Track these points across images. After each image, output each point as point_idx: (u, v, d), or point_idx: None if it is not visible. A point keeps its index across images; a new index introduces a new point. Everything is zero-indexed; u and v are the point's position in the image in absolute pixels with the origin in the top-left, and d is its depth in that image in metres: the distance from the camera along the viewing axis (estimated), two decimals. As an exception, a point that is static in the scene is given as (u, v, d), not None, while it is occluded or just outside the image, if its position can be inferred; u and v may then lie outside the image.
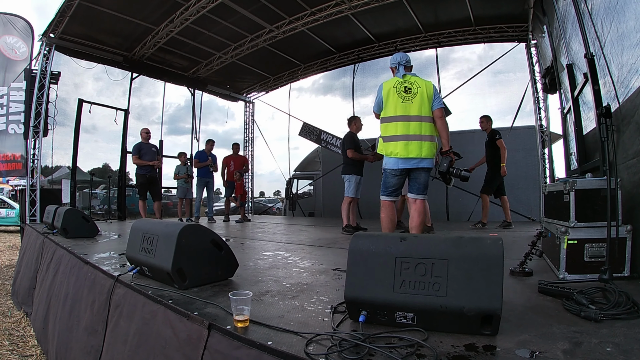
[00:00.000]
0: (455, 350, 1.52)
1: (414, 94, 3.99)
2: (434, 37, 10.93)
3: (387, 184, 4.15)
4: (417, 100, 3.97)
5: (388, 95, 4.08)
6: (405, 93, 4.00)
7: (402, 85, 4.04)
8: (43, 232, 6.02)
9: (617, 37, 3.88)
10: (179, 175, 10.16)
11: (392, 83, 4.10)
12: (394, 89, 4.05)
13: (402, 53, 4.28)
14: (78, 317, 3.38)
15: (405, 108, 3.98)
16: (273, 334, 1.76)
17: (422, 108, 3.96)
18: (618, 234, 2.62)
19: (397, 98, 4.02)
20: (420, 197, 4.09)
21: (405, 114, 3.97)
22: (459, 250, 1.69)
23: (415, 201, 4.10)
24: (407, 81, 4.07)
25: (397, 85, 4.06)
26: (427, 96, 3.98)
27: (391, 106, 4.05)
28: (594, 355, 1.45)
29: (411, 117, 3.96)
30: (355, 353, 1.50)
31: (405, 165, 3.99)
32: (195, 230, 2.74)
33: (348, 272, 1.88)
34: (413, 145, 3.92)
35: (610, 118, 2.84)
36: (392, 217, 4.22)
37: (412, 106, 3.97)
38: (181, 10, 9.09)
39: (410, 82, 4.05)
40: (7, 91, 9.16)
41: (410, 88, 4.01)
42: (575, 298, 2.04)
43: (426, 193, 4.11)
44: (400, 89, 4.03)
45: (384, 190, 4.20)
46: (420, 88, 4.01)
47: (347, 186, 6.92)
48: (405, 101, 3.98)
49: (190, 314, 2.07)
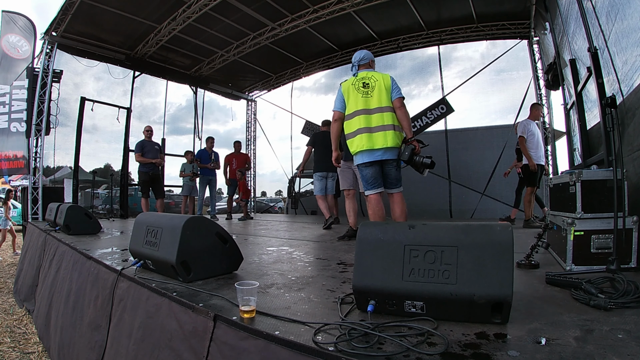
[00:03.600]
0: (466, 339, 1.50)
1: (372, 87, 4.07)
2: (436, 35, 10.93)
3: (365, 177, 4.17)
4: (376, 93, 4.05)
5: (348, 93, 4.17)
6: (364, 88, 4.09)
7: (360, 81, 4.14)
8: (45, 230, 6.02)
9: (621, 32, 3.87)
10: (184, 173, 10.14)
11: (351, 81, 4.21)
12: (352, 86, 4.15)
13: (363, 51, 4.39)
14: (82, 313, 3.38)
15: (365, 102, 4.06)
16: (280, 324, 1.74)
17: (381, 99, 4.03)
18: (625, 225, 2.60)
19: (357, 94, 4.11)
20: (395, 190, 4.16)
21: (365, 107, 4.05)
22: (469, 237, 1.67)
23: (393, 195, 4.17)
24: (365, 77, 4.14)
25: (355, 83, 4.16)
26: (384, 87, 4.04)
27: (352, 102, 4.13)
28: (606, 342, 1.44)
29: (371, 109, 4.03)
30: (364, 342, 1.48)
31: (370, 158, 4.03)
32: (200, 223, 2.73)
33: (356, 261, 1.86)
34: (377, 136, 3.98)
35: (615, 108, 2.83)
36: (378, 212, 4.20)
37: (372, 99, 4.05)
38: (184, 8, 9.11)
39: (368, 77, 4.13)
40: (9, 89, 9.18)
41: (368, 83, 4.10)
42: (584, 287, 2.03)
43: (400, 185, 4.17)
44: (358, 85, 4.12)
45: (365, 184, 4.21)
46: (377, 81, 4.09)
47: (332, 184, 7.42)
48: (365, 95, 4.07)
49: (196, 305, 2.05)
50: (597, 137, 4.99)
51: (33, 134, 9.14)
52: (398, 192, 4.15)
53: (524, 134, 6.50)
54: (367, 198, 4.25)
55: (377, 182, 4.14)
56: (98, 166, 12.16)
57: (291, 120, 14.54)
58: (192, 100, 13.74)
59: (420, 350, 1.38)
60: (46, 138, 9.56)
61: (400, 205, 4.15)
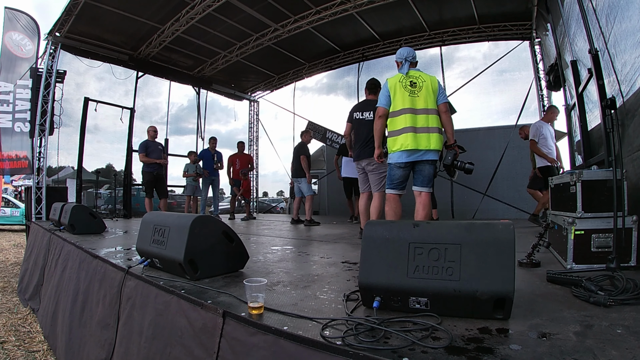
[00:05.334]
0: (469, 333, 1.55)
1: (420, 87, 4.04)
2: (438, 36, 10.97)
3: (392, 176, 4.17)
4: (423, 93, 4.02)
5: (395, 90, 4.12)
6: (411, 87, 4.05)
7: (407, 80, 4.10)
8: (50, 229, 6.06)
9: (620, 34, 3.91)
10: (188, 173, 10.18)
11: (398, 78, 4.15)
12: (399, 84, 4.10)
13: (409, 48, 4.30)
14: (90, 312, 3.41)
15: (412, 101, 4.03)
16: (288, 320, 1.78)
17: (428, 101, 4.01)
18: (624, 225, 2.64)
19: (404, 92, 4.06)
20: (425, 189, 4.10)
21: (412, 107, 4.02)
22: (472, 235, 1.72)
23: (421, 194, 4.12)
24: (412, 76, 4.11)
25: (402, 80, 4.11)
26: (432, 90, 4.03)
27: (399, 100, 4.09)
28: (606, 337, 1.48)
29: (417, 110, 4.00)
30: (371, 336, 1.52)
31: (411, 158, 4.02)
32: (206, 222, 2.77)
33: (362, 259, 1.90)
34: (421, 137, 3.96)
35: (615, 110, 2.87)
36: (396, 210, 4.23)
37: (419, 99, 4.02)
38: (187, 9, 9.14)
39: (415, 77, 4.10)
40: (13, 89, 9.22)
41: (416, 82, 4.06)
42: (584, 285, 2.07)
43: (431, 186, 4.12)
44: (406, 83, 4.08)
45: (389, 183, 4.22)
46: (425, 82, 4.06)
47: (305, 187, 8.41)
48: (412, 95, 4.03)
49: (205, 302, 2.09)
50: (598, 138, 5.03)
51: (37, 134, 9.18)
52: (428, 191, 4.11)
53: (536, 137, 6.55)
54: (387, 196, 4.29)
55: (402, 185, 4.18)
56: (100, 166, 12.16)
57: (293, 121, 14.59)
58: (194, 100, 13.78)
59: (425, 344, 1.42)
60: (49, 138, 9.60)
61: (425, 206, 4.11)
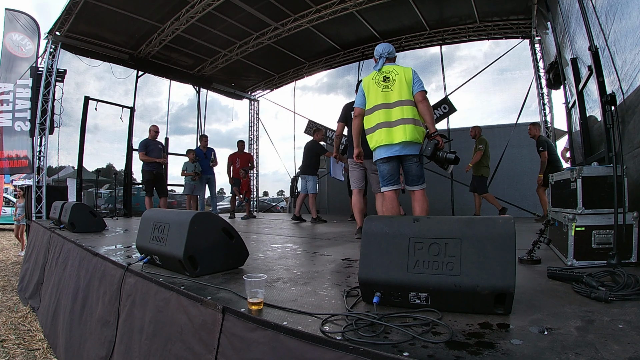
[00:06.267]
0: (470, 328, 1.54)
1: (393, 81, 4.02)
2: (439, 34, 10.97)
3: (381, 173, 4.14)
4: (396, 86, 4.00)
5: (369, 88, 4.14)
6: (384, 82, 4.05)
7: (380, 75, 4.10)
8: (50, 228, 6.05)
9: (620, 31, 3.91)
10: (186, 172, 10.12)
11: (371, 76, 4.18)
12: (373, 81, 4.12)
13: (386, 44, 4.31)
14: (91, 310, 3.41)
15: (385, 96, 4.02)
16: (288, 316, 1.77)
17: (402, 93, 3.96)
18: (625, 221, 2.64)
19: (377, 88, 4.07)
20: (417, 187, 4.06)
21: (385, 102, 4.01)
22: (472, 230, 1.71)
23: (414, 192, 4.10)
24: (385, 71, 4.10)
25: (375, 77, 4.13)
26: (405, 81, 3.98)
27: (372, 97, 4.10)
28: (607, 332, 1.47)
29: (391, 104, 3.98)
30: (371, 331, 1.52)
31: (388, 153, 3.98)
32: (206, 218, 2.77)
33: (362, 254, 1.90)
34: (396, 130, 3.92)
35: (615, 105, 2.86)
36: (392, 209, 4.18)
37: (392, 93, 4.00)
38: (187, 7, 9.15)
39: (389, 71, 4.09)
40: (13, 88, 9.22)
41: (389, 77, 4.05)
42: (585, 281, 2.07)
43: (423, 182, 4.07)
44: (379, 79, 4.09)
45: (381, 181, 4.18)
46: (398, 74, 4.03)
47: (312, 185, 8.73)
48: (385, 90, 4.03)
49: (204, 298, 2.08)
50: (598, 136, 5.02)
51: (37, 133, 9.18)
52: (420, 189, 4.06)
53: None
54: (383, 195, 4.26)
55: (394, 179, 4.11)
56: (100, 166, 12.14)
57: (294, 120, 14.60)
58: (194, 99, 13.79)
59: (426, 339, 1.42)
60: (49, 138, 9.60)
61: (421, 203, 4.06)
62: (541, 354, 1.30)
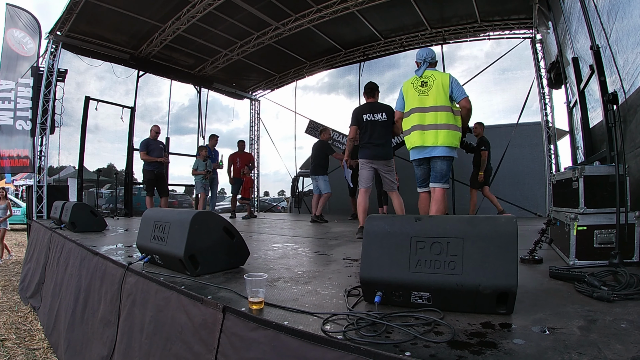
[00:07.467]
0: (472, 328, 1.54)
1: (430, 86, 4.16)
2: (440, 34, 10.95)
3: (416, 175, 4.42)
4: (433, 92, 4.14)
5: (407, 92, 4.32)
6: (422, 87, 4.19)
7: (419, 80, 4.25)
8: (51, 227, 6.05)
9: (621, 30, 3.90)
10: (197, 171, 9.84)
11: (411, 80, 4.34)
12: (411, 85, 4.29)
13: (428, 49, 4.45)
14: (92, 310, 3.40)
15: (421, 101, 4.18)
16: (289, 315, 1.77)
17: (438, 99, 4.11)
18: (627, 220, 2.62)
19: (414, 92, 4.23)
20: (437, 185, 4.23)
21: (420, 106, 4.17)
22: (474, 229, 1.70)
23: (434, 190, 4.25)
24: (424, 76, 4.24)
25: (414, 82, 4.29)
26: (442, 87, 4.12)
27: (410, 101, 4.29)
28: (610, 331, 1.47)
29: (426, 108, 4.15)
30: (372, 331, 1.51)
31: (420, 155, 4.22)
32: (207, 218, 2.77)
33: (363, 253, 1.89)
34: (428, 134, 4.11)
35: (617, 104, 2.85)
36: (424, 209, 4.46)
37: (428, 98, 4.15)
38: (188, 7, 9.15)
39: (427, 77, 4.23)
40: (14, 86, 9.22)
41: (427, 82, 4.19)
42: (587, 280, 2.06)
43: (445, 182, 4.23)
44: (417, 84, 4.24)
45: (417, 182, 4.48)
46: (436, 80, 4.17)
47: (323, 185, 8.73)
48: (422, 94, 4.18)
49: (204, 298, 2.08)
50: (600, 135, 5.01)
51: (38, 132, 9.18)
52: (441, 187, 4.22)
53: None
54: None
55: (425, 183, 4.39)
56: (101, 166, 12.14)
57: (295, 120, 14.59)
58: (195, 99, 13.77)
59: (428, 339, 1.41)
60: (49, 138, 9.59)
61: (438, 204, 4.21)
62: (544, 353, 1.29)
